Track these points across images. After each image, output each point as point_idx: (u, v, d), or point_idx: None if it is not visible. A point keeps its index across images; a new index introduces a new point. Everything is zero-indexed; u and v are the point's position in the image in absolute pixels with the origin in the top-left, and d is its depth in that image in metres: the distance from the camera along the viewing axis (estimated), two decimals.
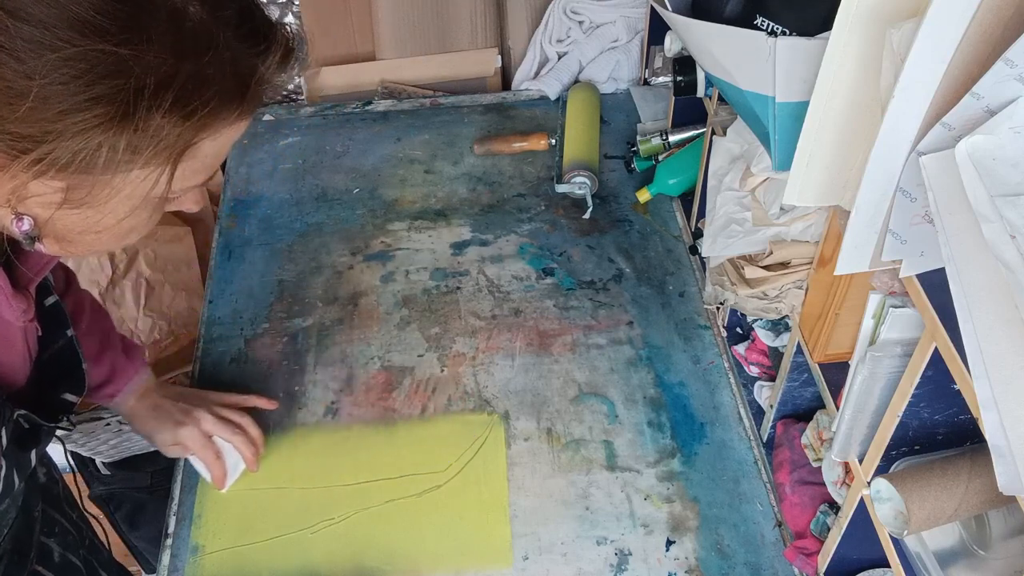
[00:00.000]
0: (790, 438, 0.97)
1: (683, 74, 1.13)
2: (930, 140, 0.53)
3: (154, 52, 0.48)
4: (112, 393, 0.94)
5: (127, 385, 0.95)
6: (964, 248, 0.49)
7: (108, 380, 0.94)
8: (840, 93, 0.62)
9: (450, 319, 1.19)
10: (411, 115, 1.54)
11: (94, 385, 0.92)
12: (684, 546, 0.95)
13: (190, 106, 0.50)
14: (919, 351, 0.62)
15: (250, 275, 1.26)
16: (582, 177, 1.32)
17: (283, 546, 0.96)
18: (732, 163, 0.95)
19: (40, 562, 0.85)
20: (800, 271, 0.88)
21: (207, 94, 0.51)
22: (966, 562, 0.69)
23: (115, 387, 0.94)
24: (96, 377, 0.92)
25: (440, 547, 0.96)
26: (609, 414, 1.07)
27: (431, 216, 1.34)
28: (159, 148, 0.51)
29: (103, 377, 0.93)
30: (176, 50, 0.49)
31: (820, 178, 0.68)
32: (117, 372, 0.94)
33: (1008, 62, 0.50)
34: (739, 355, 1.10)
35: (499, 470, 1.02)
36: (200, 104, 0.51)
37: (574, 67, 1.54)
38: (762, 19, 0.76)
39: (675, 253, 1.27)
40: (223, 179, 1.43)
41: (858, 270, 0.64)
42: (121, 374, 0.95)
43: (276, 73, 0.57)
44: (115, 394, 0.95)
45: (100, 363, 0.92)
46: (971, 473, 0.65)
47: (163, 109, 0.49)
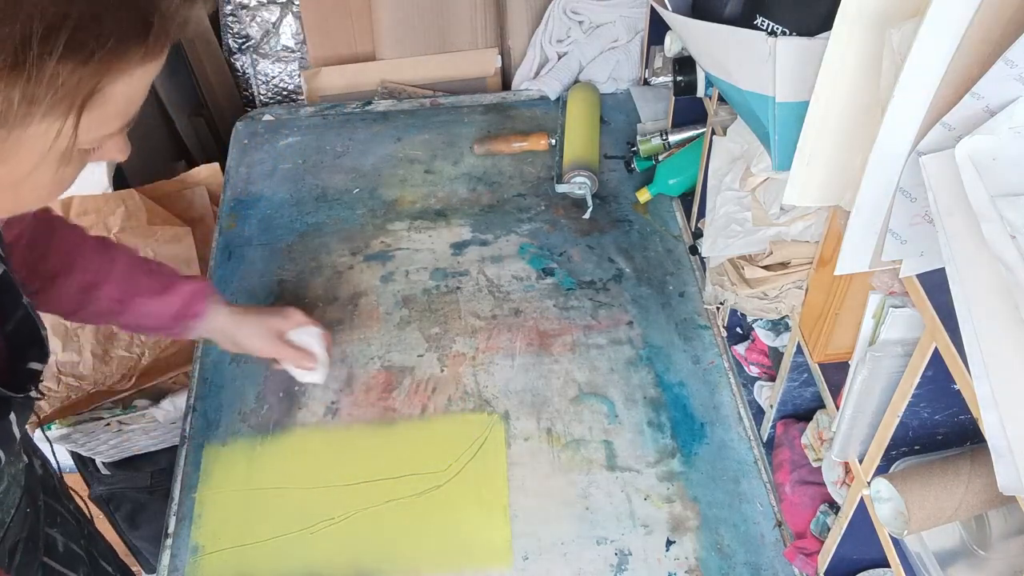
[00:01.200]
0: (790, 438, 0.97)
1: (683, 74, 1.13)
2: (930, 140, 0.53)
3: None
4: (198, 312, 0.96)
5: (207, 302, 0.97)
6: (964, 248, 0.49)
7: (190, 302, 0.95)
8: (840, 93, 0.62)
9: (450, 319, 1.19)
10: (411, 115, 1.54)
11: (176, 312, 0.94)
12: (684, 546, 0.95)
13: (86, 48, 0.47)
14: (919, 351, 0.62)
15: (250, 275, 1.26)
16: (582, 177, 1.32)
17: (283, 546, 0.96)
18: (732, 163, 0.95)
19: (47, 553, 0.85)
20: (800, 271, 0.88)
21: (103, 33, 0.47)
22: (966, 562, 0.69)
23: (198, 306, 0.96)
24: (175, 306, 0.94)
25: (440, 547, 0.96)
26: (609, 414, 1.07)
27: (431, 216, 1.34)
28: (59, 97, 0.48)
29: (182, 303, 0.95)
30: None
31: (820, 178, 0.68)
32: (194, 294, 0.95)
33: (1008, 62, 0.50)
34: (739, 355, 1.10)
35: (499, 470, 1.02)
36: (97, 45, 0.47)
37: (574, 67, 1.54)
38: (762, 19, 0.76)
39: (675, 253, 1.27)
40: (223, 179, 1.43)
41: (858, 270, 0.64)
42: (198, 295, 0.96)
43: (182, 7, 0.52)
44: (200, 312, 0.96)
45: (172, 292, 0.94)
46: (971, 473, 0.65)
47: (56, 54, 0.45)
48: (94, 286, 0.90)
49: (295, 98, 1.75)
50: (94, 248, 0.92)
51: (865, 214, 0.60)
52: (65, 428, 1.30)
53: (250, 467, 1.03)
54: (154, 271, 0.95)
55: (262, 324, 1.00)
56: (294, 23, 1.66)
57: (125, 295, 0.92)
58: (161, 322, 0.95)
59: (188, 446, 1.06)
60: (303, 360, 1.02)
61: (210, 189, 1.52)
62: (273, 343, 1.00)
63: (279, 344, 1.01)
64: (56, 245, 0.89)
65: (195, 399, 1.11)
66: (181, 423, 1.10)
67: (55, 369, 1.27)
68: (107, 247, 0.93)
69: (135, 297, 0.93)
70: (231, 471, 1.03)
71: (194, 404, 1.10)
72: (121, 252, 0.94)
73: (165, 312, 0.94)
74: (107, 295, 0.91)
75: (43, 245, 0.87)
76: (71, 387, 1.28)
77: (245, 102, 1.77)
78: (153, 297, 0.93)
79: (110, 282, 0.91)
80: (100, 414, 1.31)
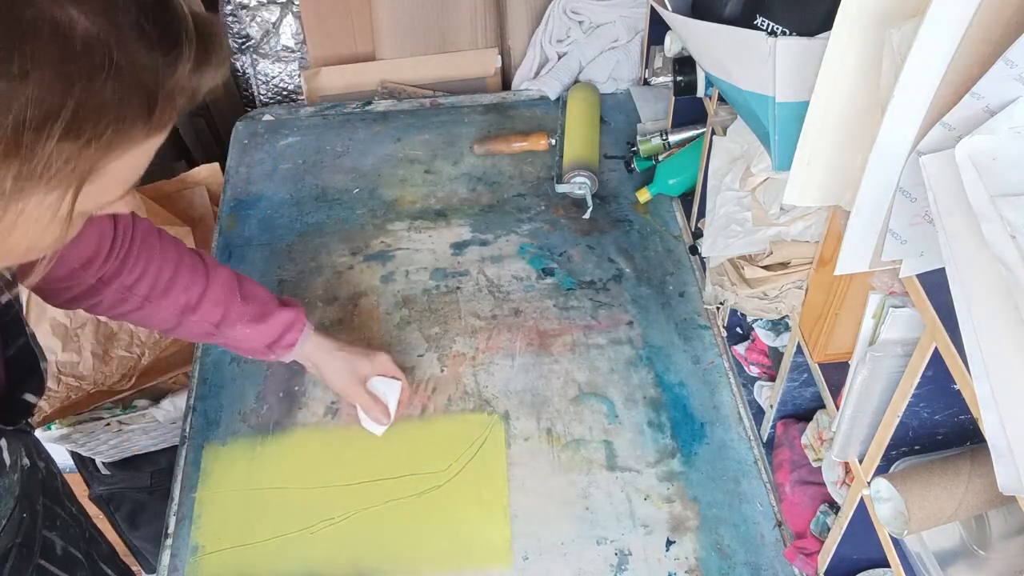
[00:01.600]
0: (790, 438, 0.97)
1: (683, 74, 1.13)
2: (930, 140, 0.53)
3: (35, 82, 0.41)
4: (291, 342, 0.97)
5: (301, 333, 0.98)
6: (964, 248, 0.49)
7: (285, 332, 0.96)
8: (840, 93, 0.62)
9: (450, 319, 1.19)
10: (411, 115, 1.54)
11: (270, 342, 0.96)
12: (684, 546, 0.95)
13: (84, 133, 0.44)
14: (919, 351, 0.62)
15: (250, 275, 1.24)
16: (582, 177, 1.32)
17: (283, 546, 0.96)
18: (732, 163, 0.95)
19: (44, 556, 0.85)
20: (800, 271, 0.88)
21: (104, 120, 0.45)
22: (966, 562, 0.69)
23: (292, 336, 0.97)
24: (270, 336, 0.96)
25: (440, 547, 0.96)
26: (609, 414, 1.07)
27: (431, 216, 1.34)
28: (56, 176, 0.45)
29: (277, 334, 0.96)
30: (62, 75, 0.42)
31: (820, 178, 0.68)
32: (290, 325, 0.97)
33: (1008, 62, 0.50)
34: (739, 355, 1.10)
35: (499, 470, 1.02)
36: (95, 132, 0.45)
37: (574, 67, 1.54)
38: (762, 19, 0.76)
39: (675, 253, 1.27)
40: (223, 179, 1.43)
41: (858, 270, 0.64)
42: (293, 326, 0.97)
43: (191, 79, 0.49)
44: (293, 343, 0.98)
45: (267, 321, 0.95)
46: (971, 473, 0.65)
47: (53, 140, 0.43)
48: (190, 309, 0.91)
49: (295, 98, 1.75)
50: (190, 269, 0.91)
51: (865, 214, 0.60)
52: (65, 428, 1.30)
53: (250, 467, 1.03)
54: (249, 296, 0.95)
55: (348, 364, 1.01)
56: (294, 23, 1.66)
57: (221, 320, 0.93)
58: (254, 347, 0.97)
59: (188, 446, 1.06)
60: (377, 413, 1.02)
61: (210, 189, 1.52)
62: (353, 387, 1.02)
63: (358, 389, 1.02)
64: (153, 268, 0.88)
65: (195, 399, 1.11)
66: (181, 423, 1.10)
67: (55, 369, 1.27)
68: (204, 268, 0.93)
69: (231, 323, 0.93)
70: (231, 471, 1.03)
71: (194, 404, 1.10)
72: (218, 274, 0.93)
73: (259, 340, 0.96)
74: (202, 318, 0.92)
75: (140, 266, 0.87)
76: (71, 387, 1.28)
77: (245, 102, 1.77)
78: (248, 324, 0.94)
79: (205, 306, 0.91)
80: (100, 414, 1.31)
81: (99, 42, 0.44)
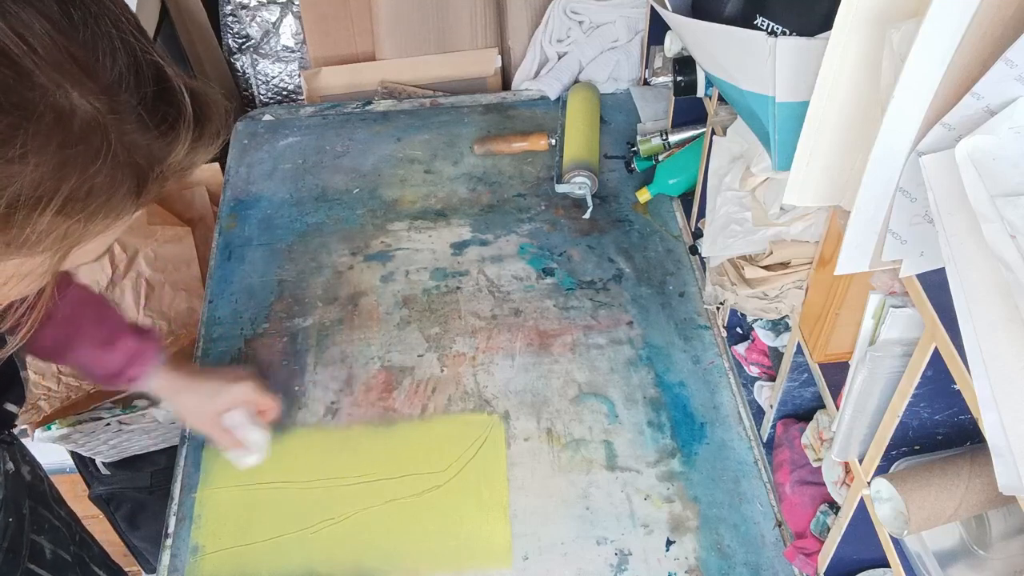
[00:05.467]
0: (790, 438, 0.97)
1: (683, 74, 1.13)
2: (930, 140, 0.53)
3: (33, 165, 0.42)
4: (134, 376, 0.92)
5: (147, 367, 0.93)
6: (964, 248, 0.49)
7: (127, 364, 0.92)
8: (840, 93, 0.62)
9: (450, 319, 1.19)
10: (411, 115, 1.54)
11: (112, 372, 0.91)
12: (684, 546, 0.95)
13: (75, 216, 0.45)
14: (919, 351, 0.62)
15: (250, 275, 1.26)
16: (582, 177, 1.32)
17: (283, 546, 0.96)
18: (732, 163, 0.95)
19: (32, 560, 0.85)
20: (800, 271, 0.88)
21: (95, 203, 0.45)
22: (966, 562, 0.69)
23: (136, 370, 0.92)
24: (112, 364, 0.90)
25: (440, 547, 0.96)
26: (609, 414, 1.07)
27: (431, 216, 1.34)
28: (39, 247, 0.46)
29: (120, 364, 0.91)
30: (60, 159, 0.42)
31: (820, 178, 0.68)
32: (135, 356, 0.92)
33: (1008, 62, 0.50)
34: (739, 355, 1.10)
35: (499, 470, 1.02)
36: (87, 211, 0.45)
37: (574, 67, 1.54)
38: (762, 19, 0.76)
39: (675, 253, 1.27)
40: (223, 179, 1.43)
41: (858, 270, 0.64)
42: (138, 357, 0.92)
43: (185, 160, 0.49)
44: (136, 377, 0.92)
45: (114, 348, 0.90)
46: (971, 473, 0.65)
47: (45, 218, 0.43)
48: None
49: (295, 98, 1.75)
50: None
51: (865, 214, 0.60)
52: (65, 428, 1.30)
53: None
54: (103, 318, 0.90)
55: (198, 402, 0.96)
56: (294, 23, 1.66)
57: (67, 338, 0.88)
58: (100, 375, 0.92)
59: (188, 446, 1.06)
60: (233, 447, 0.98)
61: (210, 189, 1.52)
62: (206, 425, 0.97)
63: (212, 427, 0.96)
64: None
65: None
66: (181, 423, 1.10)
67: (55, 369, 1.27)
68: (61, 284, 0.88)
69: (76, 344, 0.88)
70: (231, 471, 1.02)
71: None
72: (72, 291, 0.88)
73: (104, 367, 0.91)
74: (47, 334, 0.85)
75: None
76: (71, 387, 1.28)
77: (245, 102, 1.77)
78: (94, 348, 0.89)
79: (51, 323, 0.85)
80: (100, 414, 1.31)
81: (98, 127, 0.44)
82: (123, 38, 0.45)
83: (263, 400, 0.98)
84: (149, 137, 0.46)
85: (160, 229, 1.38)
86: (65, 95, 0.42)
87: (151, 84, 0.46)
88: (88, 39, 0.44)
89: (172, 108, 0.47)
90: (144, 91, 0.46)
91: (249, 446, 0.97)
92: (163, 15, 1.60)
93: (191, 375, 0.96)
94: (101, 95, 0.44)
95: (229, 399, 0.96)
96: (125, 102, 0.45)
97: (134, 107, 0.45)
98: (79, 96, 0.43)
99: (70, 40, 0.43)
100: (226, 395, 0.96)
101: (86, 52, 0.43)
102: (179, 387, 0.95)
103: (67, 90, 0.42)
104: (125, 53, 0.45)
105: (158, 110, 0.47)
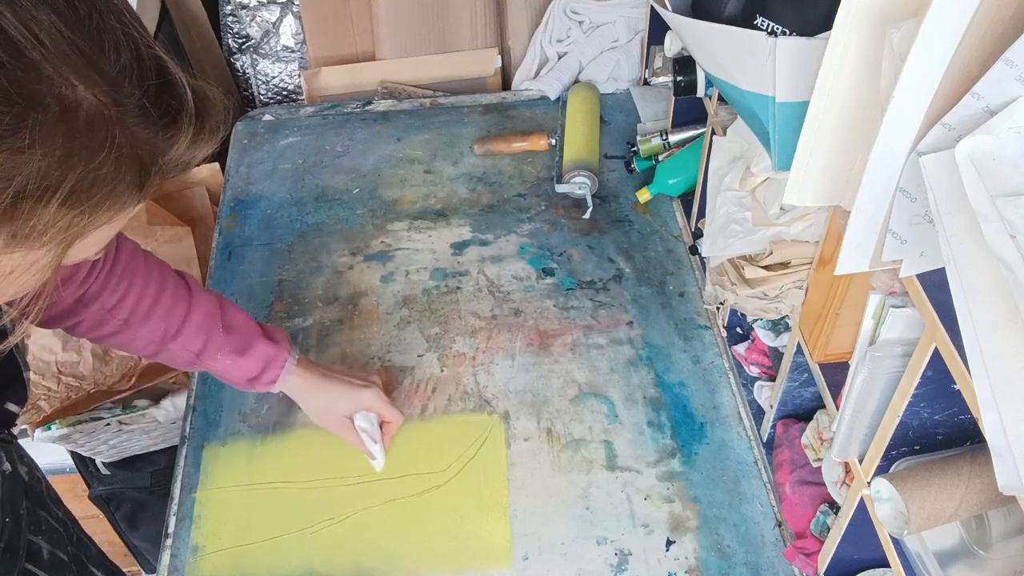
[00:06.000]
0: (790, 438, 0.97)
1: (683, 74, 1.13)
2: (930, 140, 0.53)
3: (37, 157, 0.42)
4: (271, 379, 0.95)
5: (282, 370, 0.95)
6: (964, 248, 0.49)
7: (265, 369, 0.94)
8: (840, 93, 0.62)
9: (450, 319, 1.19)
10: (411, 115, 1.54)
11: (251, 377, 0.94)
12: (684, 546, 0.95)
13: (79, 207, 0.45)
14: (919, 351, 0.62)
15: (250, 275, 1.26)
16: (582, 177, 1.32)
17: (283, 546, 0.96)
18: (732, 163, 0.95)
19: (29, 560, 0.85)
20: (800, 271, 0.88)
21: (100, 192, 0.46)
22: (966, 562, 0.69)
23: (272, 373, 0.94)
24: (250, 371, 0.93)
25: (440, 547, 0.96)
26: (609, 414, 1.07)
27: (431, 216, 1.34)
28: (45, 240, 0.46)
29: (257, 369, 0.94)
30: (66, 150, 0.43)
31: (820, 178, 0.68)
32: (271, 361, 0.94)
33: (1008, 62, 0.50)
34: (739, 355, 1.10)
35: (499, 470, 1.02)
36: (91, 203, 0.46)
37: (574, 67, 1.54)
38: (762, 19, 0.76)
39: (675, 253, 1.27)
40: (223, 179, 1.43)
41: (858, 270, 0.64)
42: (273, 361, 0.94)
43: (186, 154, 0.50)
44: (274, 380, 0.95)
45: (248, 355, 0.93)
46: (971, 473, 0.65)
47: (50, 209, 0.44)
48: (170, 337, 0.88)
49: (295, 98, 1.75)
50: (173, 293, 0.89)
51: (865, 214, 0.60)
52: (65, 428, 1.30)
53: (250, 467, 1.03)
54: (232, 327, 0.92)
55: (327, 402, 0.99)
56: (294, 23, 1.66)
57: (202, 350, 0.90)
58: (234, 380, 0.95)
59: (188, 446, 1.06)
60: (361, 449, 1.01)
61: (210, 189, 1.52)
62: (332, 424, 1.00)
63: (342, 427, 1.00)
64: (135, 291, 0.86)
65: (195, 399, 1.11)
66: (181, 423, 1.10)
67: (55, 369, 1.27)
68: (187, 293, 0.90)
69: (211, 353, 0.91)
70: (231, 471, 1.03)
71: (194, 404, 1.10)
72: (201, 301, 0.90)
73: (240, 374, 0.94)
74: (182, 347, 0.89)
75: (122, 288, 0.84)
76: (71, 387, 1.28)
77: (245, 102, 1.77)
78: (228, 356, 0.92)
79: (186, 334, 0.89)
80: (100, 414, 1.31)
81: (103, 119, 0.44)
82: (126, 32, 0.46)
83: (386, 410, 1.01)
84: (152, 130, 0.47)
85: (160, 229, 1.38)
86: (71, 87, 0.43)
87: (153, 77, 0.47)
88: (93, 32, 0.44)
89: (174, 101, 0.48)
90: (147, 84, 0.46)
91: (370, 451, 1.00)
92: (163, 15, 1.60)
93: (321, 376, 0.99)
94: (106, 87, 0.44)
95: (354, 404, 0.99)
96: (129, 95, 0.46)
97: (137, 100, 0.46)
98: (84, 88, 0.43)
99: (76, 33, 0.43)
100: (352, 399, 0.99)
101: (91, 45, 0.44)
102: (308, 387, 0.98)
103: (73, 82, 0.43)
104: (128, 47, 0.46)
105: (161, 103, 0.47)
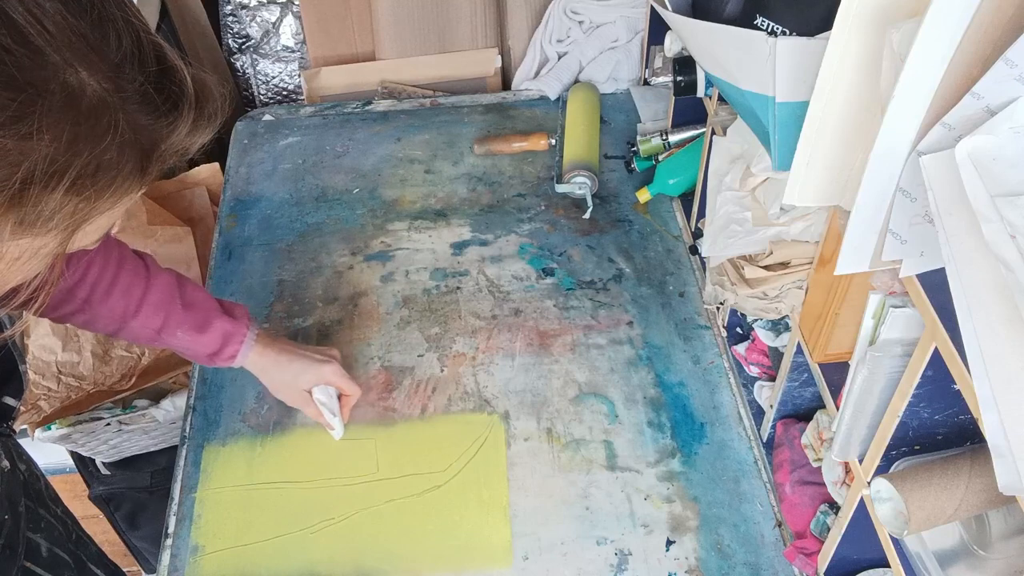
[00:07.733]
0: (790, 438, 0.97)
1: (683, 74, 1.13)
2: (930, 140, 0.53)
3: (44, 143, 0.43)
4: (231, 354, 0.97)
5: (242, 345, 0.97)
6: (964, 248, 0.49)
7: (224, 344, 0.96)
8: (840, 93, 0.62)
9: (450, 319, 1.19)
10: (411, 115, 1.54)
11: (211, 352, 0.96)
12: (684, 546, 0.95)
13: (84, 193, 0.47)
14: (919, 351, 0.62)
15: (250, 275, 1.26)
16: (582, 177, 1.32)
17: (283, 546, 0.96)
18: (732, 163, 0.95)
19: (28, 558, 0.85)
20: (800, 271, 0.88)
21: (104, 178, 0.47)
22: (966, 562, 0.69)
23: (232, 348, 0.96)
24: (210, 346, 0.95)
25: (440, 547, 0.96)
26: (609, 414, 1.07)
27: (431, 216, 1.34)
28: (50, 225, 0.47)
29: (217, 345, 0.95)
30: (71, 137, 0.44)
31: (820, 178, 0.68)
32: (230, 336, 0.96)
33: (1008, 62, 0.50)
34: (739, 355, 1.10)
35: (499, 470, 1.02)
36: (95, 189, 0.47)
37: (574, 67, 1.54)
38: (762, 19, 0.76)
39: (675, 253, 1.27)
40: (223, 179, 1.43)
41: (858, 270, 0.64)
42: (233, 337, 0.96)
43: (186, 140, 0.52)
44: (234, 355, 0.97)
45: (207, 331, 0.94)
46: (971, 473, 0.65)
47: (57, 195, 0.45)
48: (130, 314, 0.89)
49: (295, 98, 1.75)
50: (131, 272, 0.90)
51: (865, 214, 0.60)
52: (65, 428, 1.30)
53: (250, 467, 1.03)
54: (191, 304, 0.94)
55: (289, 375, 1.01)
56: (294, 23, 1.66)
57: (162, 327, 0.92)
58: (196, 356, 0.96)
59: (188, 446, 1.06)
60: (320, 421, 1.04)
61: (210, 189, 1.52)
62: (295, 399, 1.03)
63: (302, 400, 1.03)
64: (94, 271, 0.87)
65: (195, 399, 1.11)
66: (181, 423, 1.10)
67: (55, 369, 1.27)
68: (145, 271, 0.91)
69: (171, 330, 0.92)
70: (231, 471, 1.03)
71: (194, 404, 1.10)
72: (158, 280, 0.91)
73: (200, 350, 0.95)
74: (143, 324, 0.90)
75: (81, 268, 0.85)
76: (71, 387, 1.28)
77: (245, 102, 1.77)
78: (188, 333, 0.93)
79: (145, 311, 0.90)
80: (100, 414, 1.31)
81: (106, 106, 0.45)
82: (127, 19, 0.47)
83: (345, 384, 1.04)
84: (153, 116, 0.48)
85: (160, 229, 1.38)
86: (75, 74, 0.43)
87: (154, 64, 0.48)
88: (96, 19, 0.45)
89: (174, 88, 0.49)
90: (148, 71, 0.47)
91: (329, 422, 1.04)
92: (163, 15, 1.60)
93: (281, 351, 1.01)
94: (108, 74, 0.45)
95: (315, 378, 1.02)
96: (131, 81, 0.46)
97: (139, 86, 0.47)
98: (88, 75, 0.44)
99: (79, 20, 0.44)
100: (313, 374, 1.02)
101: (94, 32, 0.45)
102: (269, 363, 1.00)
103: (77, 69, 0.43)
104: (129, 34, 0.47)
105: (161, 89, 0.48)
